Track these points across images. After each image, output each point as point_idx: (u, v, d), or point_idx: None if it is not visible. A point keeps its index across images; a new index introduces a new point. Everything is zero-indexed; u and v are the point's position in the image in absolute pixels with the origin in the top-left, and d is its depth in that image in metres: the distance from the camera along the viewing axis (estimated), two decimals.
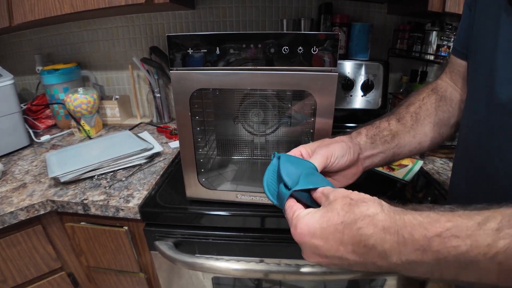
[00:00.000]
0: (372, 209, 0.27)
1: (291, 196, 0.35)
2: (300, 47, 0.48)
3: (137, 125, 1.16)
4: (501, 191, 0.36)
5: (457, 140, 0.48)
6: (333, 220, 0.28)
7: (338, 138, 0.46)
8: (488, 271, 0.22)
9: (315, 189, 0.34)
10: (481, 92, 0.40)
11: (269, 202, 0.39)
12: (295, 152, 0.44)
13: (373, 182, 0.61)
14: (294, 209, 0.33)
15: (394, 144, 0.47)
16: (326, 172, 0.43)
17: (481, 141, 0.39)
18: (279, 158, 0.41)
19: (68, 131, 1.12)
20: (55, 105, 1.10)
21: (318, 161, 0.40)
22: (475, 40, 0.43)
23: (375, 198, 0.29)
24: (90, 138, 1.04)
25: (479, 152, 0.40)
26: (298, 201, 0.35)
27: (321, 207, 0.31)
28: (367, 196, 0.30)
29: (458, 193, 0.47)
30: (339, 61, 0.98)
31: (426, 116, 0.49)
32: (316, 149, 0.43)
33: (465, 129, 0.45)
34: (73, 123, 1.06)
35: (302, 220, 0.30)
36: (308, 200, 0.35)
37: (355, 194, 0.30)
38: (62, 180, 0.72)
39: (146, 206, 0.65)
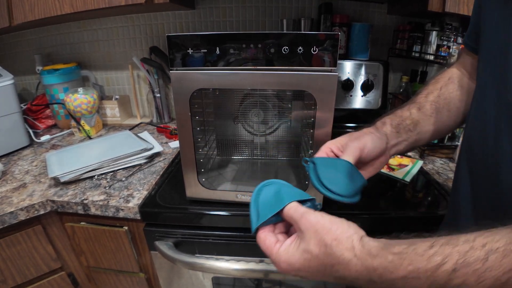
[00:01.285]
0: (346, 255, 0.29)
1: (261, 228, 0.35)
2: (300, 47, 0.48)
3: (137, 125, 1.16)
4: (506, 194, 0.36)
5: (462, 138, 0.48)
6: (313, 262, 0.30)
7: (365, 130, 0.48)
8: None
9: (281, 210, 0.34)
10: (490, 91, 0.39)
11: None
12: (325, 150, 0.45)
13: (373, 182, 0.61)
14: (267, 245, 0.34)
15: (416, 132, 0.49)
16: (357, 164, 0.44)
17: (487, 142, 0.39)
18: (313, 163, 0.42)
19: (68, 131, 1.12)
20: (55, 105, 1.10)
21: (352, 156, 0.42)
22: (484, 36, 0.42)
23: (348, 233, 0.30)
24: (90, 138, 1.04)
25: (484, 153, 0.40)
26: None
27: (296, 241, 0.32)
28: (338, 231, 0.30)
29: (460, 194, 0.46)
30: (339, 61, 0.98)
31: (444, 105, 0.51)
32: (347, 143, 0.44)
33: (470, 127, 0.44)
34: (73, 123, 1.06)
35: (283, 258, 0.32)
36: (278, 219, 0.35)
37: (325, 231, 0.30)
38: (62, 180, 0.72)
39: (146, 206, 0.65)
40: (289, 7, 1.07)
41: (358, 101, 1.03)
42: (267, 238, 0.34)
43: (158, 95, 1.14)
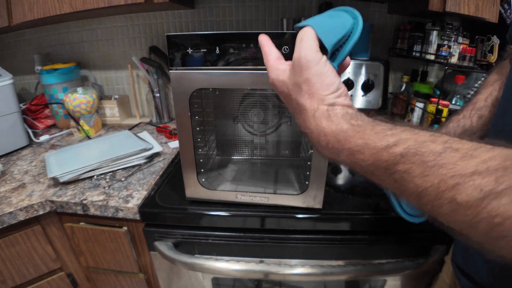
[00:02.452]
0: (308, 112, 0.30)
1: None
2: None
3: (136, 125, 1.16)
4: None
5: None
6: (288, 98, 0.33)
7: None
8: (387, 183, 0.26)
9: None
10: None
11: (269, 202, 0.40)
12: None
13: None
14: (270, 53, 0.36)
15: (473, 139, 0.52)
16: None
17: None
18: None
19: (67, 131, 1.12)
20: (54, 105, 1.10)
21: None
22: None
23: (325, 92, 0.30)
24: (89, 138, 1.04)
25: None
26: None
27: (288, 71, 0.33)
28: (317, 85, 0.30)
29: None
30: None
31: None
32: None
33: (492, 131, 0.44)
34: (72, 123, 1.06)
35: (273, 75, 0.35)
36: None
37: (307, 80, 0.31)
38: (61, 180, 0.72)
39: (146, 206, 0.65)
40: (289, 7, 1.07)
41: (359, 101, 1.03)
42: (272, 50, 0.37)
43: (158, 95, 1.14)
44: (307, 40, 0.31)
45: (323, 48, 0.32)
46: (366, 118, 0.28)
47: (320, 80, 0.30)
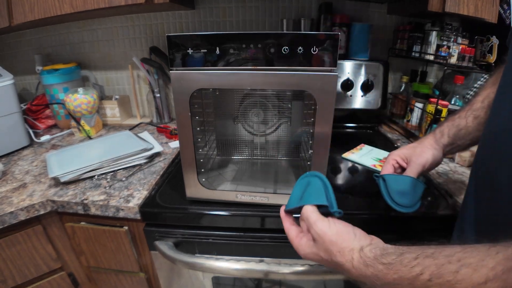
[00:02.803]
0: (346, 265, 0.36)
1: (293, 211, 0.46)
2: (300, 47, 0.48)
3: (137, 125, 1.16)
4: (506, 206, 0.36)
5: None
6: (323, 261, 0.39)
7: (426, 143, 0.57)
8: None
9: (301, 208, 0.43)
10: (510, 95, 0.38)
11: (269, 202, 0.41)
12: (391, 162, 0.58)
13: (373, 182, 0.61)
14: (291, 235, 0.44)
15: (468, 138, 0.56)
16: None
17: (498, 148, 0.38)
18: (383, 179, 0.56)
19: (68, 131, 1.12)
20: (55, 105, 1.10)
21: (416, 172, 0.55)
22: None
23: (352, 245, 0.36)
24: (90, 138, 1.04)
25: (492, 161, 0.39)
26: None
27: (311, 243, 0.40)
28: (343, 244, 0.37)
29: (467, 202, 0.47)
30: (339, 61, 0.98)
31: None
32: (411, 158, 0.56)
33: (486, 131, 0.44)
34: (73, 123, 1.06)
35: (301, 251, 0.41)
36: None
37: (332, 243, 0.37)
38: (62, 180, 0.72)
39: (146, 206, 0.65)
40: (289, 7, 1.07)
41: (358, 101, 1.03)
42: (290, 230, 0.44)
43: (158, 95, 1.14)
44: (311, 215, 0.40)
45: (322, 207, 0.41)
46: (391, 251, 0.34)
47: (340, 237, 0.37)
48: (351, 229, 0.38)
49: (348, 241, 0.37)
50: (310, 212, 0.40)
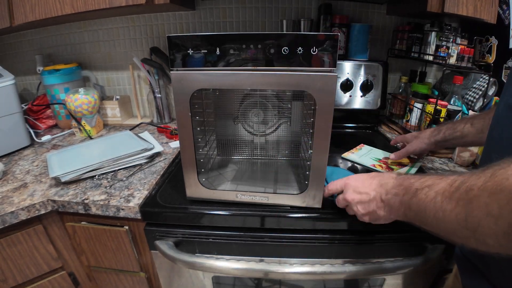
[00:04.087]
0: (390, 183, 0.47)
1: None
2: (300, 48, 0.49)
3: (137, 125, 1.17)
4: None
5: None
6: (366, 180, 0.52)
7: (423, 135, 0.74)
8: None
9: None
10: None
11: (269, 202, 0.41)
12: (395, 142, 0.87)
13: None
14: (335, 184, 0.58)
15: (462, 141, 0.66)
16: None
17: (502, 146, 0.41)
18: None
19: (69, 131, 1.13)
20: (56, 105, 1.11)
21: (405, 152, 0.78)
22: None
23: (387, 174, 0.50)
24: (91, 138, 1.05)
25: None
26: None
27: (356, 196, 0.53)
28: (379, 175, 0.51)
29: None
30: (338, 62, 0.99)
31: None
32: (407, 143, 0.79)
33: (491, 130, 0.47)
34: (74, 123, 1.06)
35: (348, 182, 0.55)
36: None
37: (375, 174, 0.52)
38: (62, 180, 0.72)
39: (147, 205, 0.66)
40: (289, 8, 1.07)
41: (358, 101, 1.03)
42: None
43: (159, 95, 1.14)
44: (334, 183, 0.58)
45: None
46: (405, 180, 0.44)
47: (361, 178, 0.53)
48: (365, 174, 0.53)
49: (384, 174, 0.50)
50: (332, 184, 0.57)
